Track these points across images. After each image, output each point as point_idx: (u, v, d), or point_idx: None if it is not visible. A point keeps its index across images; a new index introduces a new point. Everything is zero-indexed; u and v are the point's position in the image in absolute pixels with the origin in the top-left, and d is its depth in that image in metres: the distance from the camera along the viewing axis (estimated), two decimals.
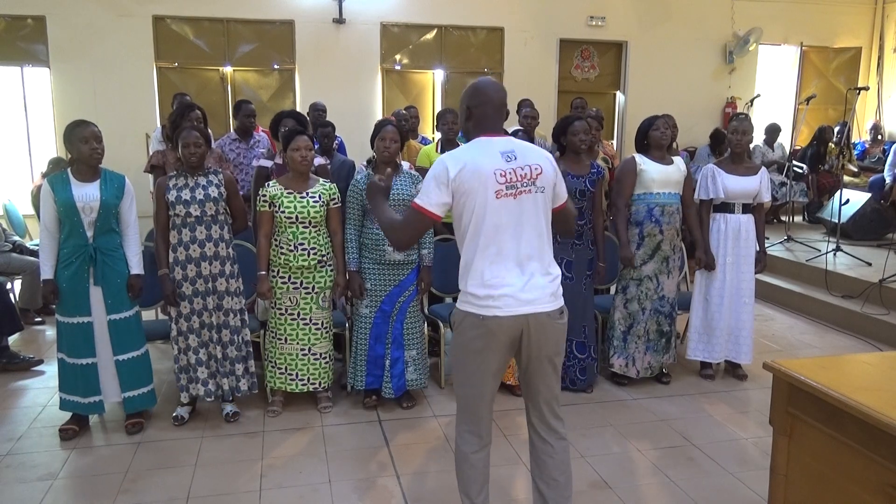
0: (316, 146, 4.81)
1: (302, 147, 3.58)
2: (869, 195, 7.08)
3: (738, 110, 9.02)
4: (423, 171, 4.51)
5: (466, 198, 2.23)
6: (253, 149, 5.12)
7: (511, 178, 2.23)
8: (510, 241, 2.24)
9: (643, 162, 4.02)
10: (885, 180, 7.44)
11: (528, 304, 2.23)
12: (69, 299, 3.36)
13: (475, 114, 2.33)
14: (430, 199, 2.25)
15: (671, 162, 4.07)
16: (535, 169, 2.27)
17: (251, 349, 3.73)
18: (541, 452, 2.42)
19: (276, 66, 8.03)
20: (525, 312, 2.23)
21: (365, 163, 4.05)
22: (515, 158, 2.26)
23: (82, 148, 3.28)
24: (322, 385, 3.80)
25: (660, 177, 3.99)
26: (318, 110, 5.79)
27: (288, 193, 3.60)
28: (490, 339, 2.24)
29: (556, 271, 2.34)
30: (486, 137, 2.31)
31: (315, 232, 3.63)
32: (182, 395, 3.64)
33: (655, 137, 4.02)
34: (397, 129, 3.73)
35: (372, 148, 3.81)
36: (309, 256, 3.61)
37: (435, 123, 7.01)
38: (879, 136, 8.70)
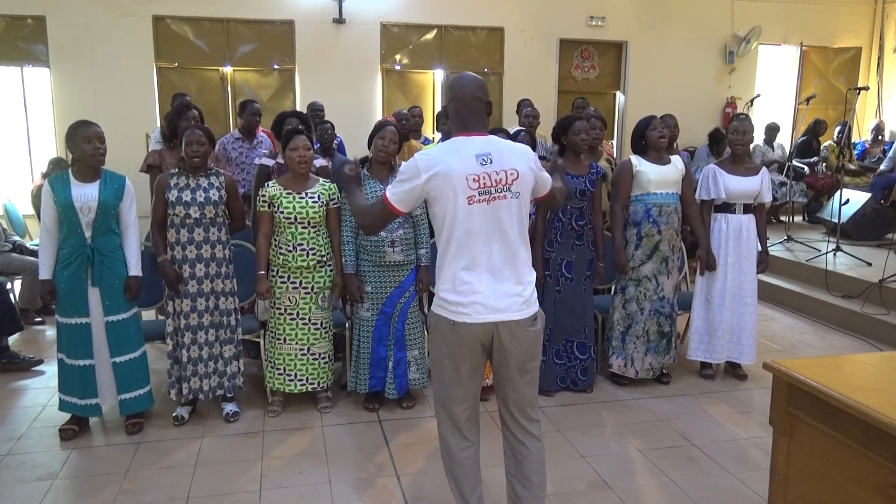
0: (316, 145, 4.82)
1: (300, 147, 3.58)
2: (869, 195, 7.07)
3: (738, 110, 9.02)
4: None
5: (438, 203, 2.22)
6: (255, 148, 5.13)
7: (485, 183, 2.20)
8: (482, 248, 2.22)
9: (639, 163, 4.01)
10: (885, 173, 7.43)
11: (498, 312, 2.22)
12: (68, 300, 3.36)
13: (450, 111, 2.34)
14: (398, 195, 2.26)
15: (668, 161, 4.05)
16: (511, 174, 2.23)
17: (241, 348, 3.75)
18: (515, 453, 2.42)
19: (276, 66, 8.02)
20: (495, 320, 2.22)
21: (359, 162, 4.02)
22: (491, 162, 2.22)
23: (85, 147, 3.28)
24: (321, 385, 3.79)
25: (656, 177, 3.98)
26: (315, 110, 5.79)
27: (287, 194, 3.59)
28: (461, 343, 2.24)
29: (531, 278, 2.31)
30: (464, 137, 2.28)
31: (314, 232, 3.63)
32: (171, 393, 3.65)
33: (653, 138, 4.00)
34: (397, 132, 3.72)
35: (369, 147, 3.79)
36: (308, 257, 3.61)
37: (435, 123, 7.02)
38: (880, 137, 8.67)
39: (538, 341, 2.34)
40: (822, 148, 8.41)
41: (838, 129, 8.09)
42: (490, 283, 2.22)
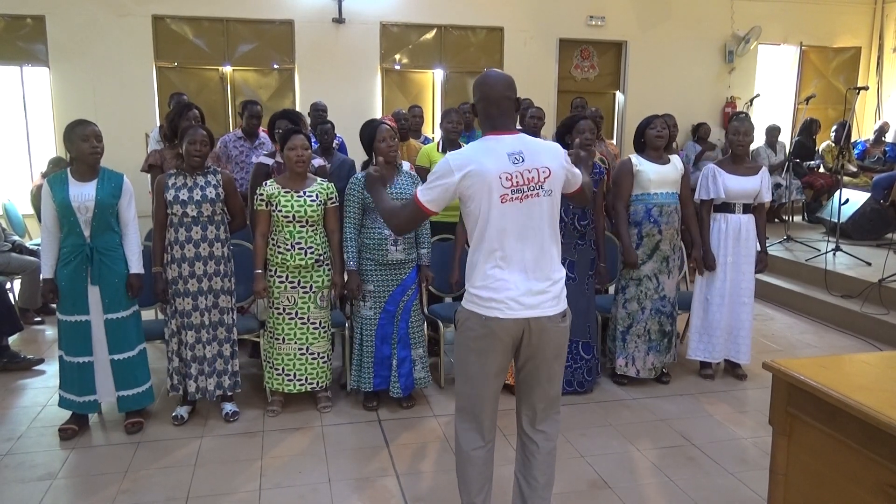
0: (316, 145, 4.81)
1: (298, 146, 3.58)
2: (868, 195, 7.06)
3: (738, 110, 9.01)
4: (421, 171, 4.52)
5: (472, 201, 2.23)
6: (257, 149, 5.11)
7: (517, 182, 2.21)
8: (515, 245, 2.23)
9: (639, 163, 4.02)
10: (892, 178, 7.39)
11: (530, 309, 2.23)
12: (68, 298, 3.37)
13: (478, 109, 2.34)
14: (430, 195, 2.26)
15: (668, 161, 4.06)
16: (543, 172, 2.25)
17: (237, 348, 3.75)
18: (526, 451, 2.44)
19: (275, 66, 8.02)
20: (527, 316, 2.23)
21: (361, 167, 3.99)
22: (523, 160, 2.23)
23: (82, 146, 3.28)
24: (321, 385, 3.79)
25: (656, 177, 3.99)
26: (318, 110, 5.80)
27: (285, 193, 3.59)
28: (492, 339, 2.24)
29: (561, 274, 2.33)
30: (495, 136, 2.28)
31: (312, 231, 3.63)
32: (170, 394, 3.66)
33: (651, 136, 4.01)
34: (391, 129, 3.70)
35: (365, 150, 3.75)
36: (306, 256, 3.61)
37: (437, 123, 7.02)
38: (883, 138, 8.64)
39: (566, 338, 2.37)
40: (819, 150, 8.39)
41: (835, 128, 8.07)
42: (522, 280, 2.23)
